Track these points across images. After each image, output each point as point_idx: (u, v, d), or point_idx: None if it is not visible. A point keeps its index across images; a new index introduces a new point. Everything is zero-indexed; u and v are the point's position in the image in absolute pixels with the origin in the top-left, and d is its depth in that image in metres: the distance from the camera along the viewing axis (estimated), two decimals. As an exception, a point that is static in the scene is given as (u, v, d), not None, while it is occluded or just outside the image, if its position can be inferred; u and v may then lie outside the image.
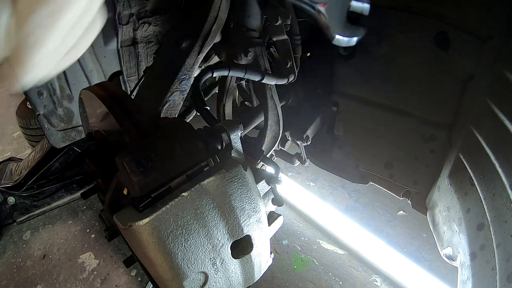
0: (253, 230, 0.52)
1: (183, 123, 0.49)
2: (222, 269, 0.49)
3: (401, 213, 1.88)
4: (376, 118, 0.99)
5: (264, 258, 0.58)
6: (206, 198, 0.46)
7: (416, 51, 0.82)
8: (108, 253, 1.72)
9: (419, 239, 1.72)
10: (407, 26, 0.80)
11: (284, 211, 1.92)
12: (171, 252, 0.43)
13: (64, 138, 1.64)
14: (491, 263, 0.58)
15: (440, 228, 0.81)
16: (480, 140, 0.66)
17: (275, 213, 0.65)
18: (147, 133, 0.47)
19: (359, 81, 0.98)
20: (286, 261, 1.65)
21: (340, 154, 1.15)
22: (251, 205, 0.51)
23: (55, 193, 1.97)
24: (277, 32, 0.86)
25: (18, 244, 1.80)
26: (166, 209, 0.42)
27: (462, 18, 0.70)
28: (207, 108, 0.84)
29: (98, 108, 0.54)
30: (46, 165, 1.83)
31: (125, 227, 0.42)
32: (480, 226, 0.63)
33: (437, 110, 0.84)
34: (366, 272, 1.59)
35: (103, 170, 0.58)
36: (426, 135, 0.89)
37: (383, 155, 1.03)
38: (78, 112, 1.68)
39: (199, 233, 0.45)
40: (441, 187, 0.83)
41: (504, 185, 0.57)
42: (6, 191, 1.80)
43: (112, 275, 1.61)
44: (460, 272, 0.68)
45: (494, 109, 0.62)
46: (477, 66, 0.71)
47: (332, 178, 2.11)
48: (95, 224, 1.89)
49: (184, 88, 0.97)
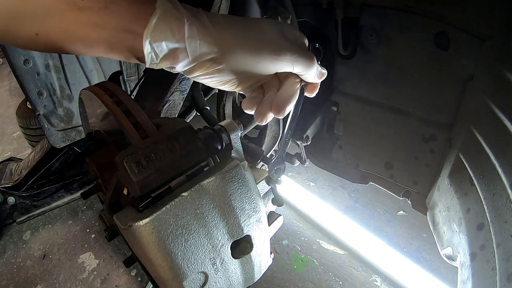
0: (253, 230, 0.52)
1: (183, 123, 0.49)
2: (222, 269, 0.49)
3: (401, 213, 1.88)
4: (376, 118, 0.99)
5: (264, 258, 0.58)
6: (206, 198, 0.46)
7: (416, 51, 0.81)
8: (108, 253, 1.72)
9: (419, 239, 1.72)
10: (407, 26, 0.80)
11: (284, 211, 1.92)
12: (171, 252, 0.43)
13: (64, 138, 1.64)
14: (491, 263, 0.58)
15: (440, 228, 0.81)
16: (480, 140, 0.66)
17: (275, 213, 0.65)
18: (147, 133, 0.47)
19: (359, 81, 0.98)
20: (286, 261, 1.65)
21: (340, 154, 1.15)
22: (251, 205, 0.51)
23: (55, 193, 1.97)
24: (277, 32, 0.86)
25: (18, 244, 1.80)
26: (166, 209, 0.42)
27: (462, 18, 0.70)
28: (207, 108, 0.85)
29: (98, 108, 0.54)
30: (46, 165, 1.83)
31: (125, 227, 0.42)
32: (480, 226, 0.63)
33: (437, 110, 0.84)
34: (366, 272, 1.59)
35: (103, 170, 0.59)
36: (426, 135, 0.89)
37: (383, 155, 1.03)
38: (78, 112, 1.68)
39: (199, 233, 0.45)
40: (441, 187, 0.83)
41: (504, 185, 0.57)
42: (6, 191, 1.80)
43: (112, 275, 1.62)
44: (460, 272, 0.68)
45: (494, 109, 0.62)
46: (477, 66, 0.71)
47: (332, 178, 2.11)
48: (95, 224, 1.89)
49: (184, 88, 0.97)
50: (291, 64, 0.45)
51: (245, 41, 0.43)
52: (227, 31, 0.42)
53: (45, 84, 1.52)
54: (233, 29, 0.42)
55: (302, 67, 0.47)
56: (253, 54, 0.43)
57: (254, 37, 0.43)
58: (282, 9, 0.83)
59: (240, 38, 0.43)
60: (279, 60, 0.44)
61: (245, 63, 0.43)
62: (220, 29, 0.41)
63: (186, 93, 0.99)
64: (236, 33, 0.42)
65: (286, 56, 0.44)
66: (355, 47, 0.93)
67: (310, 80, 0.50)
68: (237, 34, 0.42)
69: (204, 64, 0.42)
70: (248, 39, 0.43)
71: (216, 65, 0.42)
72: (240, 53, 0.42)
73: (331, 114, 1.09)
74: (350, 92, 1.02)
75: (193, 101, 0.82)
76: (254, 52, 0.43)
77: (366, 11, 0.86)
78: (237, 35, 0.42)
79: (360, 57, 0.94)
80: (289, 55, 0.44)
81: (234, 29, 0.43)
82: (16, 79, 1.46)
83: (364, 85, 0.97)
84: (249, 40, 0.43)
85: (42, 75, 1.50)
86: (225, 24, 0.42)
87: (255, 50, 0.43)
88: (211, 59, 0.42)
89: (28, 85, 1.48)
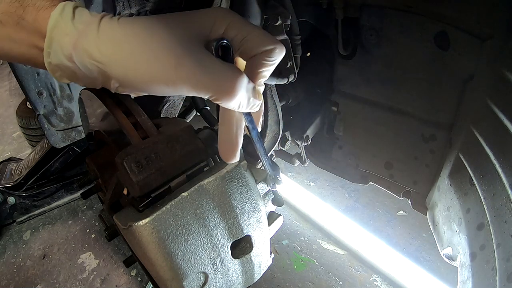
0: (253, 230, 0.52)
1: (183, 123, 0.49)
2: (222, 269, 0.49)
3: (401, 213, 1.88)
4: (376, 118, 0.99)
5: (264, 258, 0.58)
6: (206, 198, 0.46)
7: (416, 51, 0.81)
8: (108, 253, 1.72)
9: (419, 239, 1.72)
10: (407, 26, 0.80)
11: (284, 211, 1.92)
12: (171, 252, 0.43)
13: (64, 138, 1.63)
14: (491, 263, 0.58)
15: (440, 228, 0.81)
16: (480, 140, 0.66)
17: (275, 213, 0.65)
18: (147, 133, 0.47)
19: (359, 81, 0.98)
20: (286, 261, 1.65)
21: (340, 154, 1.15)
22: (251, 205, 0.51)
23: (55, 193, 1.97)
24: (277, 32, 0.86)
25: (18, 244, 1.80)
26: (166, 209, 0.42)
27: (462, 18, 0.70)
28: (207, 108, 0.85)
29: (98, 108, 0.54)
30: (46, 165, 1.83)
31: (125, 227, 0.42)
32: (480, 226, 0.63)
33: (437, 110, 0.84)
34: (366, 272, 1.59)
35: (103, 170, 0.59)
36: (426, 135, 0.89)
37: (383, 155, 1.03)
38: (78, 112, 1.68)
39: (199, 233, 0.45)
40: (441, 187, 0.83)
41: (504, 185, 0.57)
42: (6, 191, 1.80)
43: (112, 275, 1.62)
44: (460, 272, 0.68)
45: (494, 109, 0.62)
46: (477, 66, 0.71)
47: (332, 178, 2.11)
48: (95, 224, 1.89)
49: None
50: (195, 90, 0.35)
51: (134, 65, 0.35)
52: (118, 49, 0.35)
53: (45, 84, 1.52)
54: (123, 47, 0.35)
55: (212, 92, 0.35)
56: (143, 82, 0.35)
57: (145, 58, 0.35)
58: (282, 9, 0.83)
59: (129, 61, 0.35)
60: (175, 89, 0.35)
61: (139, 88, 0.37)
62: (110, 46, 0.35)
63: (186, 93, 0.99)
64: (124, 53, 0.35)
65: (184, 84, 0.35)
66: (355, 47, 0.93)
67: (231, 108, 0.39)
68: (126, 53, 0.35)
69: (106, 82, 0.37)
70: (138, 63, 0.35)
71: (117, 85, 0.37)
72: (129, 79, 0.36)
73: (331, 114, 1.09)
74: (350, 92, 1.02)
75: (193, 101, 0.82)
76: (144, 78, 0.35)
77: (366, 11, 0.86)
78: (125, 55, 0.35)
79: (360, 57, 0.94)
80: (190, 81, 0.35)
81: (124, 47, 0.35)
82: (16, 79, 1.45)
83: (364, 85, 0.97)
84: (138, 64, 0.35)
85: (42, 75, 1.50)
86: (117, 40, 0.35)
87: (144, 76, 0.35)
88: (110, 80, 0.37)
89: (28, 85, 1.47)
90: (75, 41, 0.34)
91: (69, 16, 0.35)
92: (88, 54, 0.35)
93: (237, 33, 0.38)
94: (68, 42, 0.35)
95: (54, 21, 0.34)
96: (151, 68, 0.34)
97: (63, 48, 0.35)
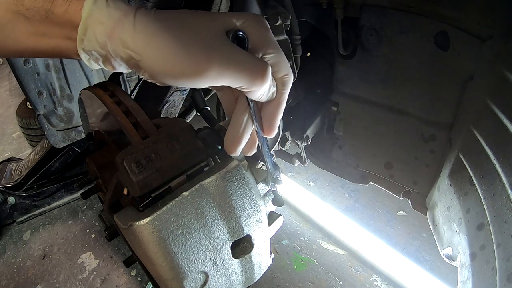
0: (254, 230, 0.52)
1: (183, 123, 0.49)
2: (222, 268, 0.49)
3: (401, 213, 1.88)
4: (376, 118, 0.99)
5: (264, 258, 0.58)
6: (207, 198, 0.46)
7: (416, 51, 0.82)
8: (108, 253, 1.72)
9: (419, 239, 1.73)
10: (407, 26, 0.80)
11: (284, 211, 1.92)
12: (171, 252, 0.43)
13: (64, 138, 1.64)
14: (491, 263, 0.58)
15: (440, 228, 0.81)
16: (480, 140, 0.66)
17: (275, 213, 0.65)
18: (147, 133, 0.47)
19: (359, 81, 0.98)
20: (286, 261, 1.65)
21: (340, 154, 1.15)
22: (251, 205, 0.51)
23: (55, 193, 1.97)
24: (277, 32, 0.86)
25: (18, 244, 1.80)
26: (166, 209, 0.42)
27: (462, 18, 0.70)
28: (207, 108, 0.85)
29: (98, 108, 0.54)
30: (46, 165, 1.83)
31: (125, 227, 0.42)
32: (480, 226, 0.63)
33: (437, 110, 0.84)
34: (366, 272, 1.59)
35: (103, 170, 0.59)
36: (426, 135, 0.89)
37: (383, 155, 1.03)
38: (78, 112, 1.68)
39: (200, 232, 0.45)
40: (441, 187, 0.83)
41: (504, 185, 0.57)
42: (6, 191, 1.80)
43: (112, 275, 1.62)
44: (460, 272, 0.68)
45: (494, 109, 0.62)
46: (477, 66, 0.71)
47: (332, 178, 2.11)
48: (95, 224, 1.89)
49: (184, 88, 0.97)
50: (229, 82, 0.38)
51: (166, 57, 0.36)
52: (152, 42, 0.36)
53: (45, 84, 1.52)
54: (158, 40, 0.36)
55: (245, 81, 0.38)
56: (173, 74, 0.37)
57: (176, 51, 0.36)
58: (282, 9, 0.83)
59: (162, 53, 0.36)
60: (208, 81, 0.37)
61: (168, 80, 0.38)
62: (145, 38, 0.36)
63: (186, 93, 0.99)
64: (158, 46, 0.36)
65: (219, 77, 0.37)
66: (355, 47, 0.93)
67: (255, 98, 0.41)
68: (160, 46, 0.36)
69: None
70: (170, 54, 0.36)
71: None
72: (160, 71, 0.37)
73: (331, 114, 1.09)
74: (350, 92, 1.02)
75: (193, 101, 0.82)
76: (175, 70, 0.37)
77: (366, 11, 0.86)
78: (159, 48, 0.36)
79: (360, 57, 0.94)
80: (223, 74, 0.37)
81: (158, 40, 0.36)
82: (16, 79, 1.46)
83: (364, 85, 0.97)
84: (170, 56, 0.36)
85: (42, 75, 1.50)
86: (151, 33, 0.36)
87: (176, 68, 0.36)
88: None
89: (28, 85, 1.48)
90: (110, 30, 0.36)
91: (103, 5, 0.36)
92: (123, 43, 0.36)
93: (260, 44, 0.40)
94: (103, 31, 0.36)
95: (88, 10, 0.36)
96: (182, 62, 0.36)
97: (97, 36, 0.36)
